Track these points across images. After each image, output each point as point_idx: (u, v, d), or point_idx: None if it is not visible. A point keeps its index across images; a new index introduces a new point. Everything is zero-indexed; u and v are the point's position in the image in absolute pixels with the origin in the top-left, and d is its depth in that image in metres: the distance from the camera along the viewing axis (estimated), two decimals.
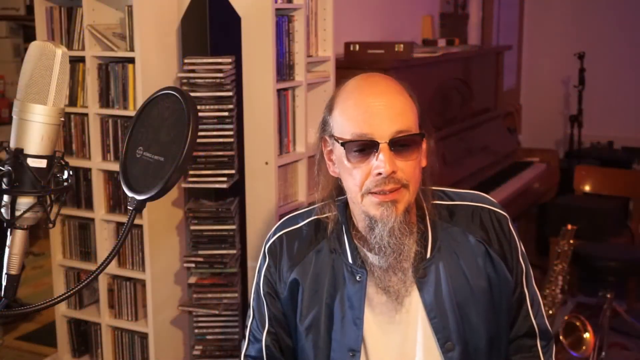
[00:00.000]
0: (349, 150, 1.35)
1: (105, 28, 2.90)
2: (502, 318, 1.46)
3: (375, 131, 1.33)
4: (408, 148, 1.34)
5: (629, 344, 3.80)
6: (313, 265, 1.47)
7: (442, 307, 1.41)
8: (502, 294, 1.45)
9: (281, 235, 1.53)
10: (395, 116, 1.34)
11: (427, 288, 1.42)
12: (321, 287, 1.46)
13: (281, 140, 2.92)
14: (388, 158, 1.31)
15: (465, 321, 1.42)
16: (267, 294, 1.52)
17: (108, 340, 3.08)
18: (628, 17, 5.75)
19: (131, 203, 0.99)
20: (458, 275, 1.43)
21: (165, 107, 1.01)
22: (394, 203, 1.34)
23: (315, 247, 1.49)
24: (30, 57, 0.96)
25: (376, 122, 1.33)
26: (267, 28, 2.76)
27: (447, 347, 1.41)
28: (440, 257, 1.43)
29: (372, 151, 1.33)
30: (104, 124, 2.94)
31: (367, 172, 1.34)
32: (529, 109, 6.06)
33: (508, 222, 1.50)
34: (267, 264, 1.53)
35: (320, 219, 1.51)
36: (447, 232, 1.46)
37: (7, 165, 0.94)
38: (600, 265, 3.60)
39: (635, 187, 4.44)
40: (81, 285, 0.98)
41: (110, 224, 3.01)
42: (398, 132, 1.33)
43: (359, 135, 1.34)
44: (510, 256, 1.47)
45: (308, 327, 1.46)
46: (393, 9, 4.48)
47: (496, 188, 3.89)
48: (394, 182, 1.33)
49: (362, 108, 1.35)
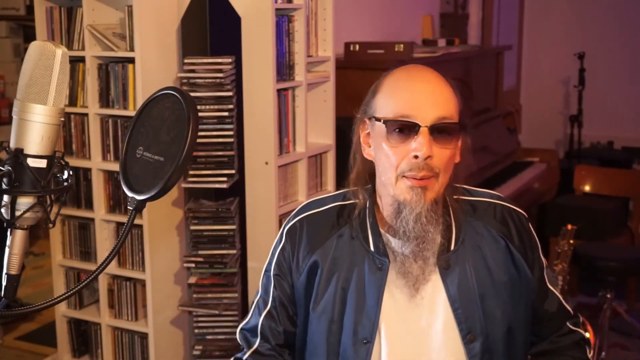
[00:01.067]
0: (390, 129, 1.37)
1: (105, 28, 2.90)
2: (520, 311, 1.48)
3: (419, 114, 1.35)
4: (447, 136, 1.37)
5: (629, 344, 3.80)
6: (333, 250, 1.48)
7: (466, 298, 1.42)
8: (521, 289, 1.48)
9: (302, 219, 1.53)
10: (440, 102, 1.37)
11: (451, 279, 1.43)
12: (338, 272, 1.46)
13: (281, 140, 2.92)
14: (427, 141, 1.34)
15: (486, 313, 1.43)
16: (277, 275, 1.52)
17: (108, 340, 3.08)
18: (628, 17, 5.75)
19: (131, 203, 0.99)
20: (481, 267, 1.45)
21: (165, 107, 1.01)
22: (424, 190, 1.36)
23: (337, 232, 1.49)
24: (30, 57, 0.96)
25: (420, 105, 1.36)
26: (267, 28, 2.76)
27: (469, 339, 1.42)
28: (464, 250, 1.45)
29: (411, 133, 1.35)
30: (104, 124, 2.94)
31: (405, 153, 1.36)
32: (529, 109, 6.06)
33: (527, 220, 1.54)
34: (283, 246, 1.53)
35: (344, 204, 1.52)
36: (471, 225, 1.48)
37: (7, 165, 0.94)
38: (600, 265, 3.60)
39: (635, 187, 4.44)
40: (81, 285, 0.98)
41: (110, 224, 3.01)
42: (440, 118, 1.36)
43: (402, 116, 1.36)
44: (532, 253, 1.50)
45: (321, 311, 1.46)
46: (393, 9, 4.48)
47: (496, 188, 3.89)
48: (428, 169, 1.35)
49: (408, 90, 1.39)
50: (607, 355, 3.46)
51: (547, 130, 6.03)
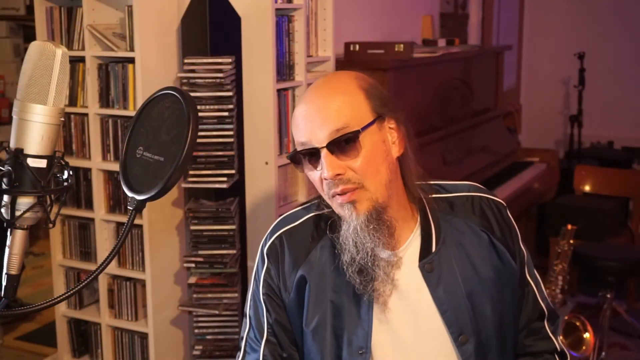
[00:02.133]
0: (300, 159, 1.37)
1: (105, 28, 2.90)
2: (509, 305, 1.46)
3: (313, 137, 1.33)
4: (352, 146, 1.32)
5: (629, 344, 3.80)
6: (317, 261, 1.44)
7: (452, 299, 1.40)
8: (507, 281, 1.45)
9: (280, 236, 1.49)
10: (329, 117, 1.33)
11: (435, 282, 1.40)
12: (326, 284, 1.42)
13: (281, 140, 2.92)
14: (329, 162, 1.31)
15: (476, 311, 1.41)
16: (268, 297, 1.47)
17: (108, 340, 3.08)
18: (628, 17, 5.75)
19: (131, 203, 0.99)
20: (465, 265, 1.42)
21: (165, 107, 1.01)
22: (353, 203, 1.33)
23: (319, 243, 1.45)
24: (30, 57, 0.96)
25: (312, 128, 1.33)
26: (267, 28, 2.76)
27: (461, 340, 1.39)
28: (446, 250, 1.42)
29: (317, 157, 1.34)
30: (104, 124, 2.94)
31: (320, 177, 1.35)
32: (529, 109, 6.06)
33: (506, 209, 1.51)
34: (267, 268, 1.47)
35: (319, 214, 1.48)
36: (450, 224, 1.45)
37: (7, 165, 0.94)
38: (600, 265, 3.59)
39: (635, 187, 4.43)
40: (81, 285, 0.98)
41: (110, 224, 3.01)
42: (335, 132, 1.32)
43: (302, 144, 1.35)
44: (512, 243, 1.47)
45: (315, 326, 1.42)
46: (393, 9, 4.48)
47: (496, 188, 3.89)
48: (344, 182, 1.32)
49: (299, 116, 1.36)
50: (607, 355, 3.46)
51: (547, 130, 6.03)
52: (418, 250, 1.41)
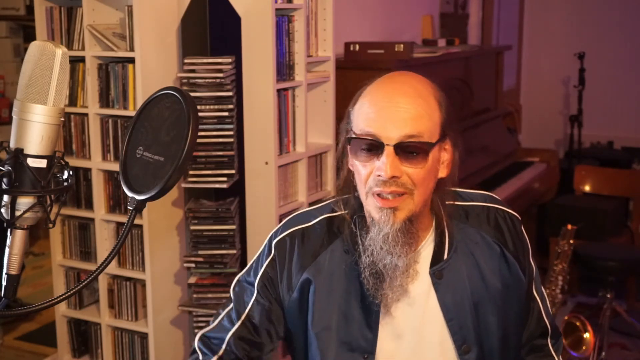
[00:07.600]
0: (357, 146, 1.33)
1: (105, 28, 2.90)
2: (513, 318, 1.45)
3: (383, 132, 1.30)
4: (416, 155, 1.31)
5: (629, 344, 3.80)
6: (327, 265, 1.43)
7: (459, 308, 1.39)
8: (515, 295, 1.45)
9: (292, 234, 1.47)
10: (407, 120, 1.30)
11: (444, 289, 1.40)
12: (335, 289, 1.42)
13: (281, 140, 2.92)
14: (391, 162, 1.28)
15: (481, 322, 1.40)
16: (263, 286, 1.47)
17: (108, 340, 3.08)
18: (628, 17, 5.75)
19: (131, 203, 0.99)
20: (475, 275, 1.41)
21: (165, 107, 1.01)
22: (394, 210, 1.31)
23: (329, 247, 1.44)
24: (30, 57, 0.96)
25: (384, 123, 1.30)
26: (267, 28, 2.76)
27: (464, 350, 1.39)
28: (457, 258, 1.41)
29: (377, 152, 1.31)
30: (104, 124, 2.94)
31: (371, 170, 1.31)
32: (529, 109, 6.06)
33: (520, 223, 1.50)
34: (272, 259, 1.47)
35: (332, 217, 1.47)
36: (464, 232, 1.44)
37: (7, 165, 0.94)
38: (600, 265, 3.60)
39: (635, 187, 4.43)
40: (81, 285, 0.98)
41: (110, 224, 3.01)
42: (407, 137, 1.29)
43: (367, 134, 1.31)
44: (523, 257, 1.47)
45: (320, 329, 1.42)
46: (393, 9, 4.48)
47: (496, 188, 3.89)
48: (397, 185, 1.30)
49: (375, 106, 1.32)
50: (607, 355, 3.46)
51: (547, 130, 6.03)
52: (430, 256, 1.41)
